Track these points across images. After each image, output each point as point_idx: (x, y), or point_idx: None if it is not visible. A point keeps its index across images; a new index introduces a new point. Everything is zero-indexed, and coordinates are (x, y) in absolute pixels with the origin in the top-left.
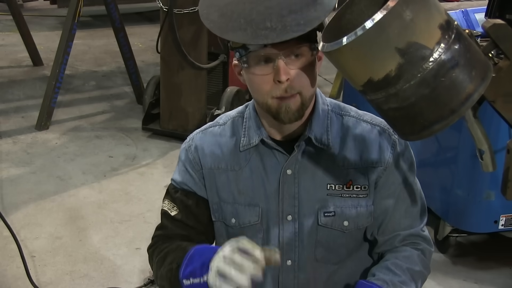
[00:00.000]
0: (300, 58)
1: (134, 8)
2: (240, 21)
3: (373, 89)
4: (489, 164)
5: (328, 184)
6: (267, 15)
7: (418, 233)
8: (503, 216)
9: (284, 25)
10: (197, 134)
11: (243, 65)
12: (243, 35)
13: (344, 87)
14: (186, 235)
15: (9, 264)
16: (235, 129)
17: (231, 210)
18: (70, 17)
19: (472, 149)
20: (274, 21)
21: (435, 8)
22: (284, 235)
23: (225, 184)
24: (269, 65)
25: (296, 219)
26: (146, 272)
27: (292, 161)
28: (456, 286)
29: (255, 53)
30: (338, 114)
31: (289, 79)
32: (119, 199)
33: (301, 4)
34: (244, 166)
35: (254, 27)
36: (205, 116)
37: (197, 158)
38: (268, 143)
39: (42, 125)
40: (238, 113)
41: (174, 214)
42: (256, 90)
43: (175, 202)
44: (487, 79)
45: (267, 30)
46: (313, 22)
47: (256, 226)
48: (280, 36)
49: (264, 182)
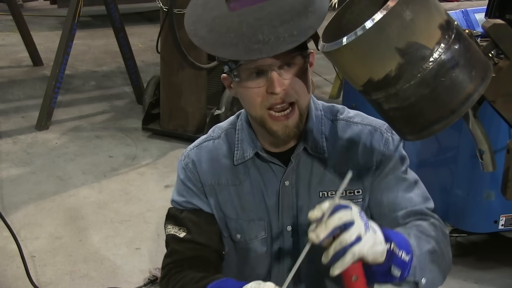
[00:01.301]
0: (293, 67)
1: (134, 8)
2: (230, 35)
3: (373, 89)
4: (489, 164)
5: (320, 192)
6: (258, 28)
7: (422, 210)
8: (503, 216)
9: (277, 37)
10: (192, 150)
11: (234, 79)
12: (235, 51)
13: (344, 87)
14: (199, 257)
15: (9, 264)
16: (230, 142)
17: (235, 226)
18: (70, 17)
19: (472, 149)
20: (266, 33)
21: (435, 8)
22: (284, 247)
23: (227, 200)
24: (261, 77)
25: (296, 230)
26: (146, 272)
27: (289, 172)
28: (456, 286)
29: (246, 66)
30: (330, 119)
31: (284, 89)
32: (119, 199)
33: (292, 14)
34: (244, 180)
35: (246, 42)
36: (205, 116)
37: (196, 175)
38: (263, 157)
39: (42, 125)
40: (230, 124)
41: (184, 236)
42: (248, 103)
43: (182, 223)
44: (487, 79)
45: (259, 44)
46: (307, 32)
47: (263, 239)
48: (275, 49)
49: (264, 196)
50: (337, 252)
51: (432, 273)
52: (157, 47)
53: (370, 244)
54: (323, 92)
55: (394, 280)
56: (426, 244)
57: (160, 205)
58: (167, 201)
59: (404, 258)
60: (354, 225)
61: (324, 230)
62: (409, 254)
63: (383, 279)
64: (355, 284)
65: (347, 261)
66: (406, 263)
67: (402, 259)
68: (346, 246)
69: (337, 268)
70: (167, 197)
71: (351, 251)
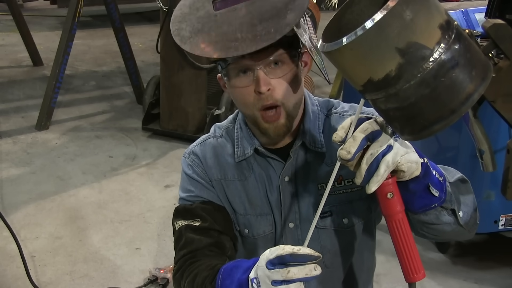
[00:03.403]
0: (281, 66)
1: (134, 8)
2: (212, 34)
3: (373, 89)
4: (489, 164)
5: (319, 185)
6: (238, 26)
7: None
8: (503, 216)
9: (254, 35)
10: (196, 147)
11: (223, 78)
12: (214, 49)
13: (344, 87)
14: (217, 243)
15: (9, 264)
16: (231, 140)
17: (243, 221)
18: (70, 17)
19: (472, 149)
20: (244, 32)
21: (435, 8)
22: (288, 243)
23: (235, 195)
24: (248, 76)
25: (298, 226)
26: (146, 272)
27: (288, 167)
28: (456, 286)
29: (234, 66)
30: (325, 114)
31: (270, 89)
32: (119, 199)
33: (272, 12)
34: (249, 176)
35: (225, 40)
36: (205, 116)
37: (203, 170)
38: (262, 152)
39: (42, 125)
40: (230, 122)
41: (199, 224)
42: (240, 102)
43: (195, 213)
44: (487, 79)
45: (237, 42)
46: (283, 29)
47: (269, 235)
48: (250, 46)
49: (267, 191)
50: (370, 165)
51: (466, 207)
52: (157, 47)
53: (403, 151)
54: (323, 92)
55: (434, 203)
56: (455, 173)
57: (160, 205)
58: (167, 201)
59: (439, 178)
60: (383, 134)
61: (353, 143)
62: (442, 176)
63: (422, 202)
64: (391, 201)
65: (382, 172)
66: (442, 183)
67: (437, 178)
68: (378, 156)
69: (373, 184)
70: (167, 197)
71: (384, 161)
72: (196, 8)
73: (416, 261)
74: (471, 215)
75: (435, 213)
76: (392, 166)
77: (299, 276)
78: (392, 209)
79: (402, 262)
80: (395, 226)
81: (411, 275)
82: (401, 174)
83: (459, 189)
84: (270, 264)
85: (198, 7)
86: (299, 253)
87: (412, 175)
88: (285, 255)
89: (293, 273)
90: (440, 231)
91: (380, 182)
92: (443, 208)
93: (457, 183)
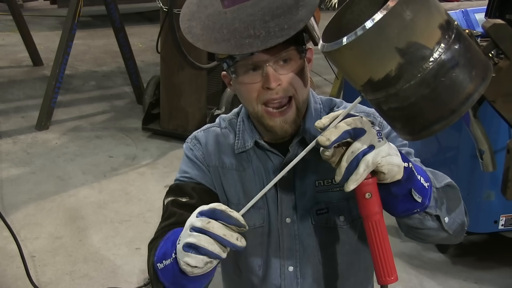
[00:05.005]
0: (289, 63)
1: (134, 8)
2: (223, 31)
3: (373, 89)
4: (489, 164)
5: (316, 181)
6: (250, 23)
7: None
8: (503, 216)
9: (268, 31)
10: (199, 133)
11: (231, 75)
12: (226, 46)
13: (344, 87)
14: None
15: (9, 264)
16: (234, 131)
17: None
18: (70, 17)
19: (472, 149)
20: (257, 28)
21: (435, 8)
22: (284, 239)
23: (231, 184)
24: (257, 72)
25: (295, 221)
26: (146, 272)
27: (287, 162)
28: (456, 286)
29: (243, 62)
30: (327, 112)
31: (280, 85)
32: (119, 199)
33: (283, 8)
34: (247, 168)
35: (238, 37)
36: (205, 116)
37: (203, 154)
38: (262, 145)
39: (42, 125)
40: (234, 115)
41: (186, 200)
42: (245, 98)
43: (185, 191)
44: (487, 79)
45: (251, 38)
46: (297, 25)
47: (259, 229)
48: (265, 43)
49: (264, 185)
50: (350, 163)
51: (453, 213)
52: (157, 47)
53: (385, 153)
54: (323, 92)
55: (416, 208)
56: (444, 178)
57: (160, 205)
58: None
59: (424, 184)
60: (366, 133)
61: (335, 132)
62: (428, 182)
63: (404, 207)
64: (368, 202)
65: (361, 171)
66: (427, 189)
67: (422, 183)
68: (358, 155)
69: (351, 182)
70: None
71: (364, 160)
72: (205, 6)
73: (390, 264)
74: (457, 221)
75: (419, 218)
76: (371, 166)
77: (217, 232)
78: (370, 209)
79: (375, 264)
80: (371, 227)
81: (383, 278)
82: (382, 175)
83: (446, 195)
84: (200, 214)
85: (206, 5)
86: (230, 214)
87: (394, 178)
88: (217, 209)
89: (212, 225)
90: (426, 235)
91: (359, 181)
92: (426, 213)
93: (446, 188)
